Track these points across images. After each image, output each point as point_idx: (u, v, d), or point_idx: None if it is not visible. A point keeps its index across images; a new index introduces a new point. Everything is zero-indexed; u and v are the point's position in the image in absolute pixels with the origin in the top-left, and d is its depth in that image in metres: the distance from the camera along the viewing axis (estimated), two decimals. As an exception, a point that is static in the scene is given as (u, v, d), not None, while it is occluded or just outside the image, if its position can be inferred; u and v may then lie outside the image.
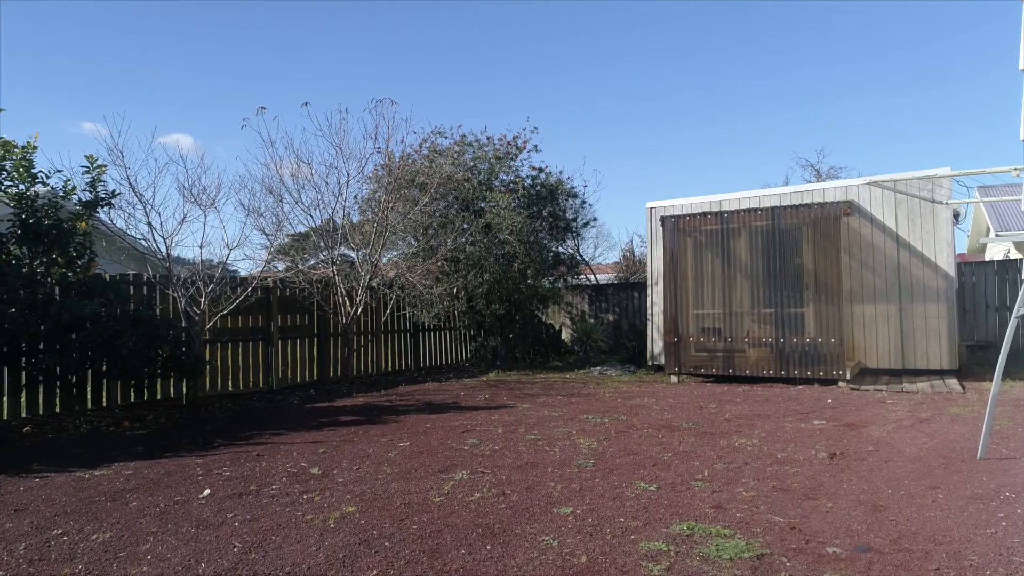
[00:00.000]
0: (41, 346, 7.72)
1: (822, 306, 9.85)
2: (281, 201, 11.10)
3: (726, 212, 10.76)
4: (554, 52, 47.18)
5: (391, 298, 12.43)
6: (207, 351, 9.72)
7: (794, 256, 10.22)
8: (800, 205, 10.29)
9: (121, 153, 8.76)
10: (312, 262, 12.67)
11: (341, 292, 11.40)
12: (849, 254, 10.64)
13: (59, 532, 3.89)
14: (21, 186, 7.56)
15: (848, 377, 9.58)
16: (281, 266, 12.56)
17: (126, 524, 4.01)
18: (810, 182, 22.59)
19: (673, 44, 47.56)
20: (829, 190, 10.96)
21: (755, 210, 10.60)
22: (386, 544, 3.60)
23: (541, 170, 14.27)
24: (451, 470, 5.19)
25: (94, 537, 3.80)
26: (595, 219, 16.62)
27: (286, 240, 12.59)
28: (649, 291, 12.67)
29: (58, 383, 8.24)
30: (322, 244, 11.77)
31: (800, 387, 9.69)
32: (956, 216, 10.72)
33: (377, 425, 7.29)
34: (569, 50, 46.53)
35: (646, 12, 45.56)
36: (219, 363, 10.12)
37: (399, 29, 46.42)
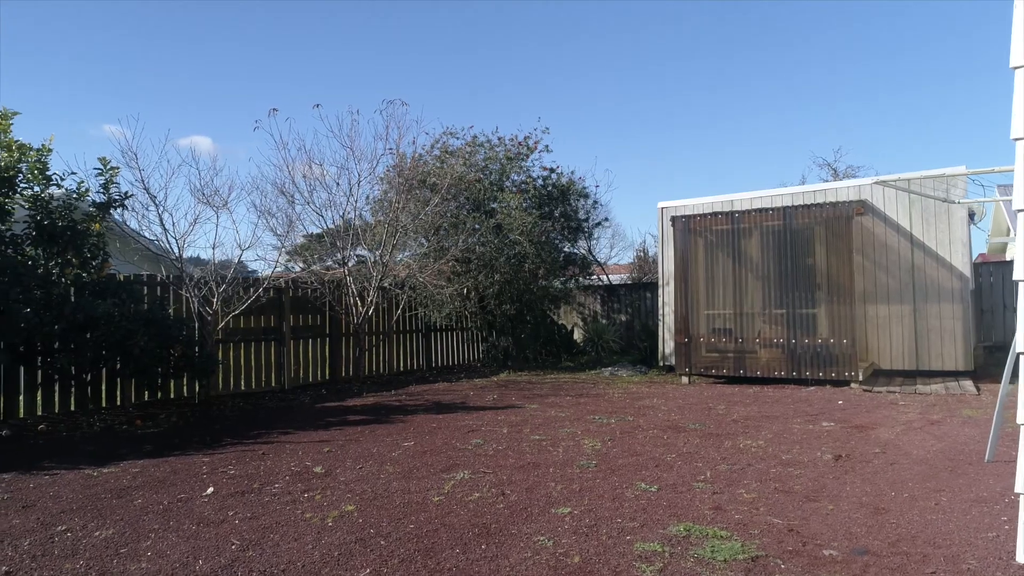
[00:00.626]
0: (56, 345, 7.85)
1: (834, 306, 9.76)
2: (293, 202, 11.21)
3: (737, 212, 10.69)
4: (563, 52, 47.03)
5: (402, 298, 12.49)
6: (219, 351, 9.82)
7: (806, 256, 10.13)
8: (812, 205, 10.20)
9: (135, 155, 8.89)
10: (328, 263, 12.78)
11: (353, 292, 11.48)
12: (862, 254, 10.53)
13: (63, 528, 3.96)
14: (36, 188, 7.70)
15: (860, 378, 9.47)
16: (297, 267, 12.67)
17: (129, 521, 4.08)
18: (827, 181, 22.36)
19: (688, 43, 47.21)
20: (842, 189, 10.85)
21: (766, 210, 10.52)
22: (382, 543, 3.63)
23: (552, 170, 14.28)
24: (453, 470, 5.21)
25: (97, 534, 3.86)
26: (607, 219, 16.57)
27: (301, 241, 12.71)
28: (660, 291, 12.62)
29: (73, 382, 8.36)
30: (335, 244, 11.85)
31: (811, 388, 9.60)
32: (972, 215, 10.57)
33: (384, 425, 7.33)
34: (579, 50, 46.36)
35: (655, 11, 45.27)
36: (231, 363, 10.22)
37: (407, 30, 46.49)
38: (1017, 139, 2.49)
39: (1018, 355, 2.57)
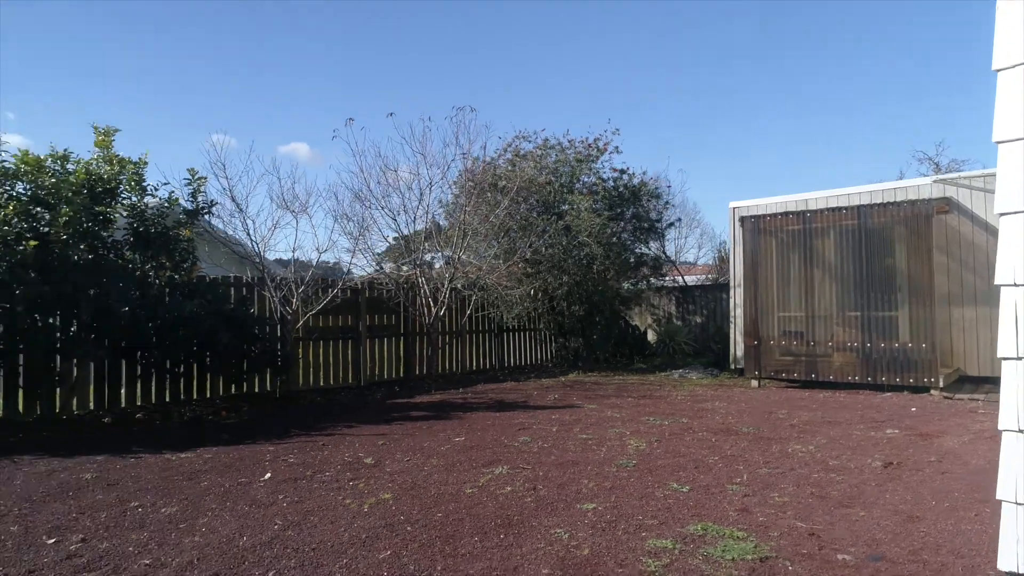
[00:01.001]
0: (153, 341, 8.61)
1: (912, 309, 9.33)
2: (369, 207, 11.74)
3: (809, 212, 10.39)
4: (639, 48, 45.93)
5: (473, 299, 12.82)
6: (299, 348, 10.44)
7: (883, 257, 9.74)
8: (890, 203, 9.79)
9: (223, 166, 9.66)
10: (404, 266, 13.28)
11: (425, 293, 11.90)
12: (947, 254, 9.99)
13: (136, 504, 4.44)
14: (134, 198, 8.48)
15: (941, 385, 9.01)
16: (387, 267, 13.23)
17: (192, 500, 4.52)
18: (925, 175, 21.18)
19: (784, 35, 45.46)
20: (924, 187, 10.33)
21: (840, 209, 10.17)
22: (408, 528, 3.88)
23: (623, 172, 14.26)
24: (494, 464, 5.42)
25: (163, 510, 4.31)
26: (679, 220, 16.44)
27: (385, 245, 13.26)
28: (732, 293, 12.40)
29: (167, 375, 9.13)
30: (408, 247, 12.33)
31: (887, 394, 9.22)
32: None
33: (442, 420, 7.64)
34: (656, 46, 45.25)
35: (737, 6, 43.70)
36: (311, 360, 10.82)
37: (475, 33, 46.55)
38: (999, 142, 2.44)
39: (1001, 360, 2.51)
